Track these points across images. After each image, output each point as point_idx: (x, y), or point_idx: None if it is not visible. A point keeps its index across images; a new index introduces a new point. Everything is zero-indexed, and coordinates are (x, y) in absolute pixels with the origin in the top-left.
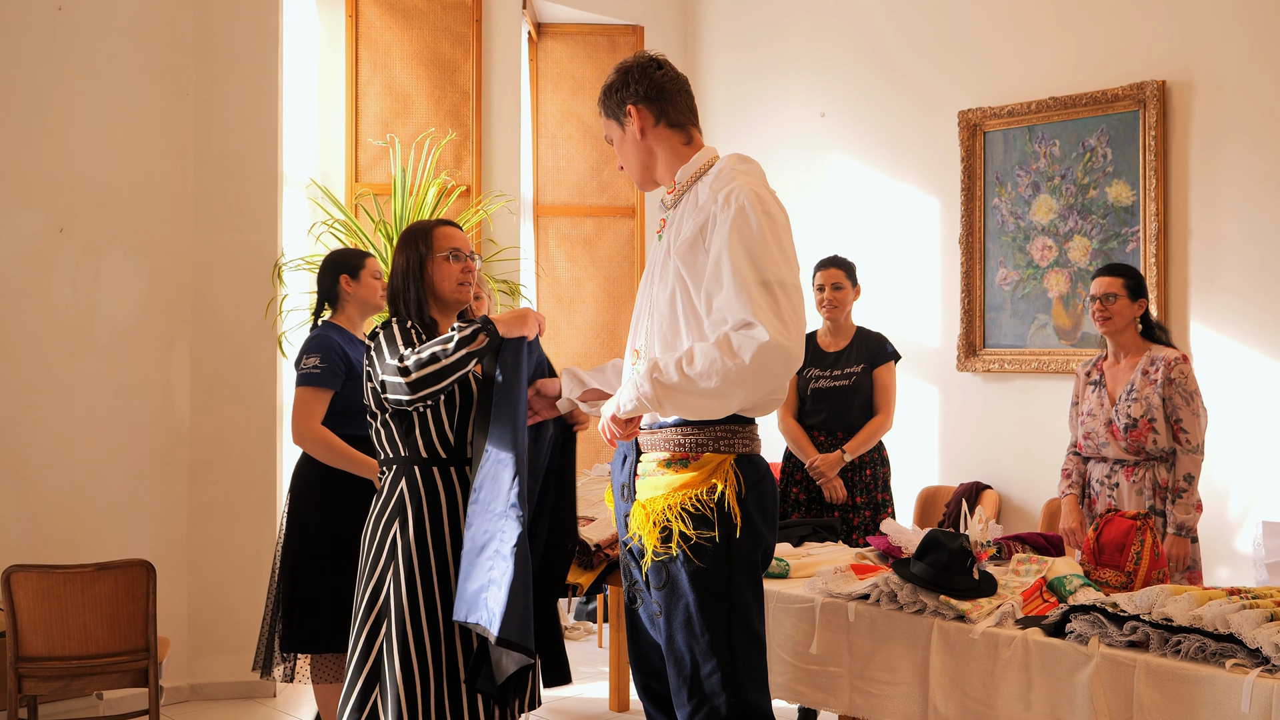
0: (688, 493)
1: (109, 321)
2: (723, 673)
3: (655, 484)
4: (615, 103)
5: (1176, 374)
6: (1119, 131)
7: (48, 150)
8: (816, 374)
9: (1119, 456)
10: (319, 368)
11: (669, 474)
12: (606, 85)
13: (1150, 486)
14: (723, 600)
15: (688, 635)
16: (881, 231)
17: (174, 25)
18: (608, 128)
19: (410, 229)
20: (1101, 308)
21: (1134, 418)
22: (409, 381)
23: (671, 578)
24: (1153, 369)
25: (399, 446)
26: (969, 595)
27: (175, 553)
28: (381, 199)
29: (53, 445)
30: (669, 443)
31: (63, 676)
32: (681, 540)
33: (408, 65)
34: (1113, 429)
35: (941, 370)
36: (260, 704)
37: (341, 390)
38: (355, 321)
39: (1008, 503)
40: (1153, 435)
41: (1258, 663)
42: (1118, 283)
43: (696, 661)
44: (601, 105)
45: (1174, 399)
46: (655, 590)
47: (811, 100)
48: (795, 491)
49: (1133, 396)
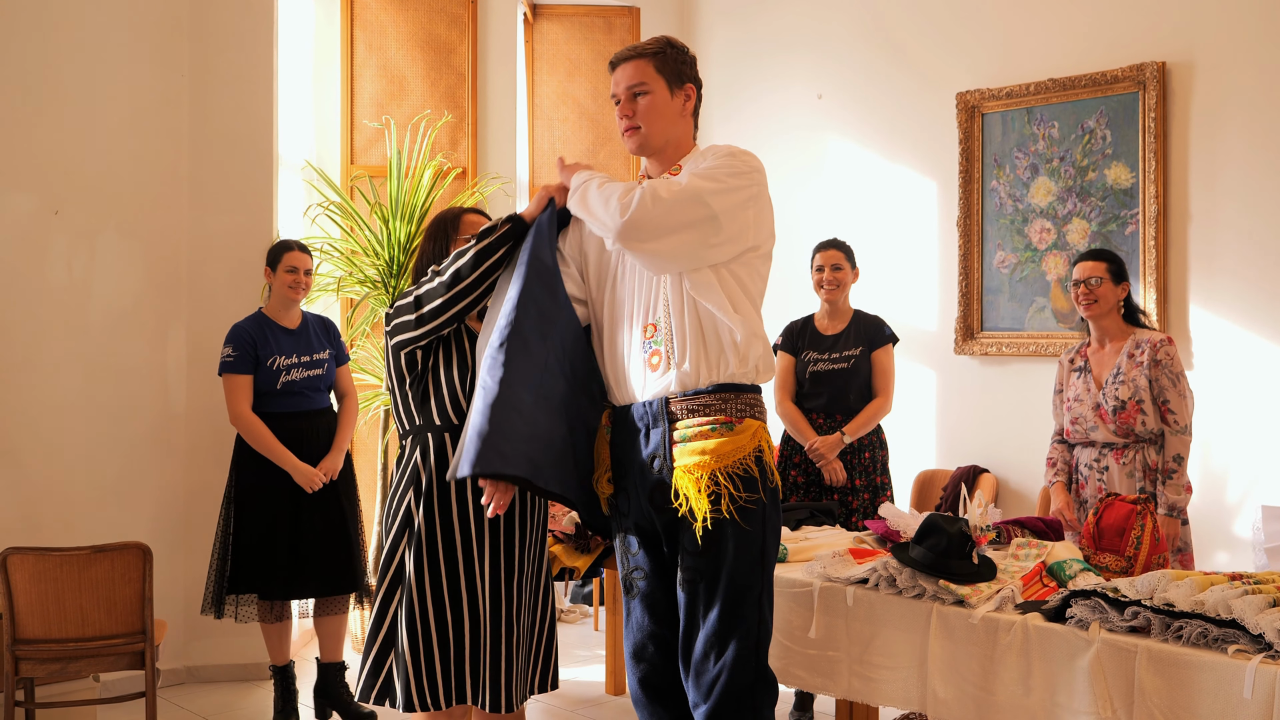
0: (737, 456)
1: (104, 304)
2: (749, 638)
3: (702, 447)
4: (681, 69)
5: (1163, 355)
6: (1118, 113)
7: (42, 132)
8: (815, 357)
9: (1108, 440)
10: (230, 356)
11: (715, 439)
12: (674, 48)
13: (1141, 468)
14: (758, 564)
15: (728, 597)
16: (879, 214)
17: (168, 6)
18: (649, 82)
19: (439, 216)
20: (1086, 291)
21: (1122, 400)
22: (444, 281)
23: (719, 540)
24: (1138, 351)
25: (414, 416)
26: (968, 580)
27: (171, 535)
28: (377, 181)
29: (48, 428)
30: (710, 408)
31: (59, 659)
32: (730, 504)
33: (403, 47)
34: (1101, 412)
35: (939, 353)
36: (256, 686)
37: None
38: (277, 310)
39: (1005, 486)
40: (1141, 417)
41: (1260, 648)
42: (1101, 266)
43: (731, 625)
44: (656, 61)
45: (1160, 380)
46: (693, 556)
47: (808, 82)
48: (794, 474)
49: (1120, 379)
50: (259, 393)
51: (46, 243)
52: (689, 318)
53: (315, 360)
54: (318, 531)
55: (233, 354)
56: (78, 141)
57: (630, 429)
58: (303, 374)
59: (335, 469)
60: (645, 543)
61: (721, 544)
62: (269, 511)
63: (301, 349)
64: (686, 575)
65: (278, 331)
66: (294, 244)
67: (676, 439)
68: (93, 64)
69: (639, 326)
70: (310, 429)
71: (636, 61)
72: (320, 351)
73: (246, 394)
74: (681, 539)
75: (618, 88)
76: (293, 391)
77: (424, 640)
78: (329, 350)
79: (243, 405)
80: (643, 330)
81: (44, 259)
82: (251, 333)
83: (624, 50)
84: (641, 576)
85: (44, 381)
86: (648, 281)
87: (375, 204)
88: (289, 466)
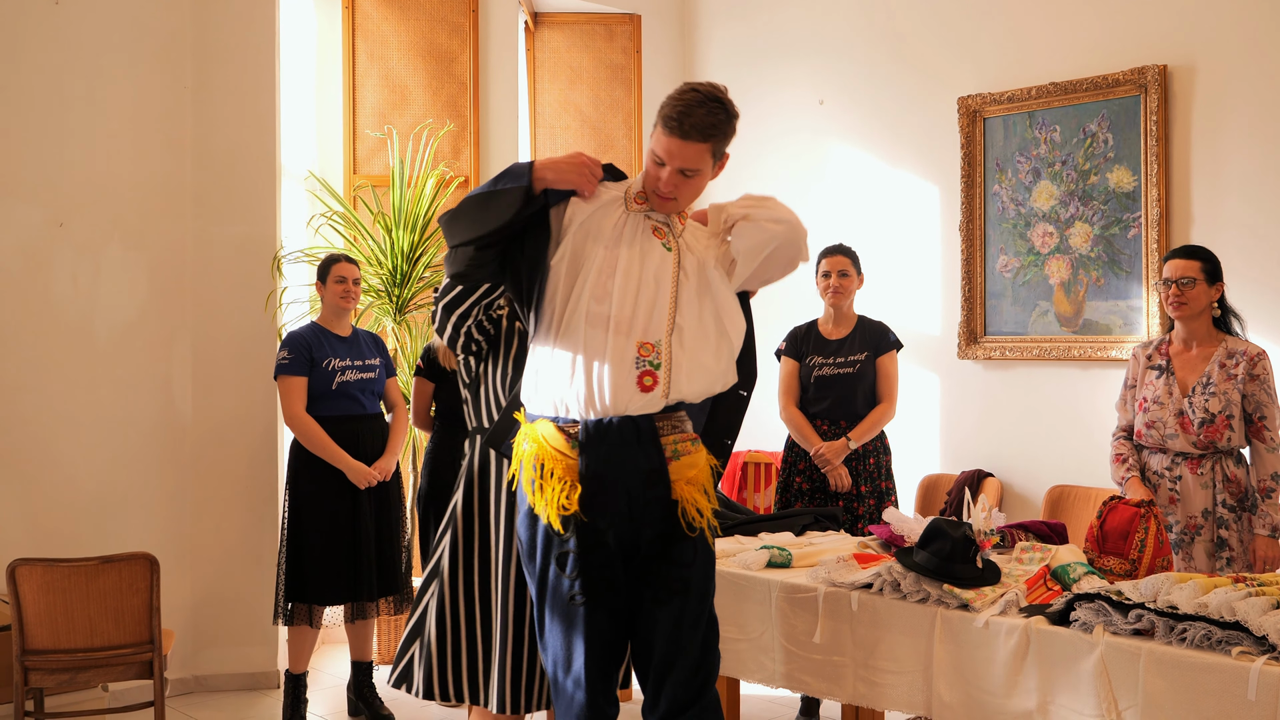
0: (708, 468)
1: (109, 316)
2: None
3: (692, 462)
4: (727, 143)
5: (1260, 370)
6: (1120, 117)
7: (46, 145)
8: (820, 361)
9: (1183, 449)
10: (286, 359)
11: (697, 453)
12: (730, 120)
13: (1220, 480)
14: (713, 567)
15: (705, 602)
16: (881, 219)
17: (171, 19)
18: (702, 166)
19: None
20: (1178, 292)
21: (1212, 413)
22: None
23: (705, 549)
24: (1231, 362)
25: (470, 418)
26: (972, 584)
27: (178, 546)
28: (380, 190)
29: (54, 440)
30: (685, 422)
31: (68, 669)
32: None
33: (405, 56)
34: (1184, 420)
35: (942, 358)
36: (264, 694)
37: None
38: (329, 319)
39: (1009, 490)
40: (1229, 433)
41: (1264, 650)
42: (1195, 266)
43: (711, 628)
44: (715, 145)
45: (1258, 395)
46: (681, 567)
47: (809, 87)
48: (798, 481)
49: (1210, 390)
50: (313, 395)
51: (51, 255)
52: (686, 345)
53: (367, 365)
54: (372, 536)
55: (288, 357)
56: (82, 154)
57: (614, 444)
58: (356, 376)
59: (389, 470)
60: (621, 556)
61: (705, 552)
62: (328, 518)
63: (354, 355)
64: (676, 586)
65: (331, 338)
66: (341, 256)
67: (669, 455)
68: (96, 77)
69: (631, 342)
70: (364, 431)
71: (697, 145)
72: (371, 358)
73: (301, 396)
74: (671, 551)
75: (671, 160)
76: (346, 394)
77: (453, 633)
78: (379, 359)
79: (297, 406)
80: (637, 348)
81: (49, 272)
82: (307, 337)
83: (694, 125)
84: (608, 588)
85: (50, 393)
86: (650, 299)
87: (378, 213)
88: (343, 465)
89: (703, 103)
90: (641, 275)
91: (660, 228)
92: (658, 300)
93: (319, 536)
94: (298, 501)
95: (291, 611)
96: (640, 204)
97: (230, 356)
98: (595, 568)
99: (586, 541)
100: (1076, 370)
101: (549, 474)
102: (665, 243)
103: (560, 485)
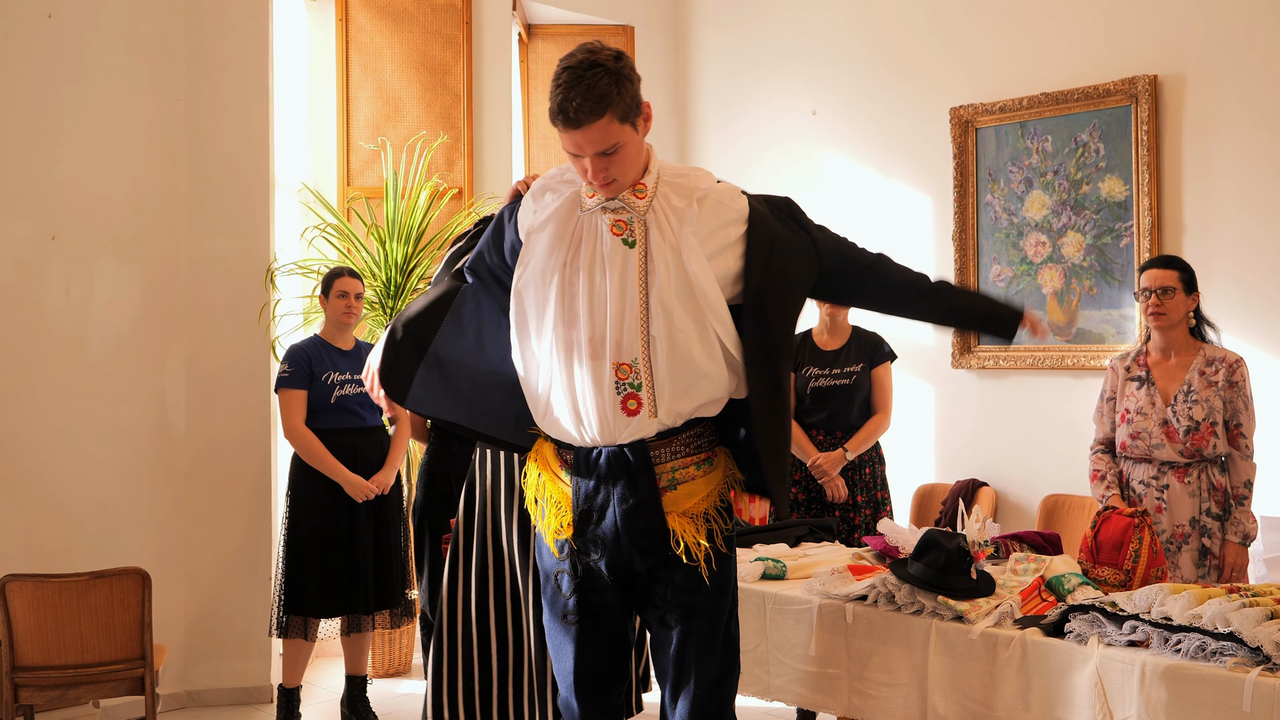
0: (720, 489)
1: (102, 329)
2: (735, 653)
3: (690, 491)
4: (635, 98)
5: (1238, 377)
6: (1111, 126)
7: (39, 158)
8: (815, 373)
9: (1169, 459)
10: (286, 372)
11: (700, 478)
12: (620, 82)
13: (1207, 489)
14: (734, 582)
15: (720, 624)
16: (874, 229)
17: (164, 31)
18: (617, 136)
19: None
20: (1157, 301)
21: (1196, 420)
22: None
23: (718, 572)
24: (1210, 369)
25: None
26: (967, 595)
27: (171, 560)
28: (374, 202)
29: (46, 454)
30: (689, 446)
31: (59, 686)
32: (721, 535)
33: (398, 68)
34: (1169, 430)
35: (937, 367)
36: (257, 710)
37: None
38: (331, 333)
39: (1004, 500)
40: (1214, 439)
41: (1258, 661)
42: (1173, 275)
43: (731, 648)
44: (617, 112)
45: (1235, 402)
46: (685, 593)
47: (802, 96)
48: (794, 492)
49: (1193, 398)
50: (313, 409)
51: (44, 268)
52: (665, 357)
53: None
54: (370, 549)
55: (288, 370)
56: (75, 167)
57: (601, 477)
58: (356, 389)
59: (387, 484)
60: (615, 579)
61: (716, 575)
62: (326, 531)
63: (355, 368)
64: (681, 610)
65: (333, 351)
66: (344, 270)
67: (664, 485)
68: (89, 89)
69: (607, 366)
70: (363, 445)
71: (597, 123)
72: None
73: (300, 409)
74: (673, 576)
75: (582, 150)
76: (345, 407)
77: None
78: None
79: (296, 419)
80: (614, 370)
81: (42, 284)
82: (307, 350)
83: (579, 109)
84: (602, 611)
85: (43, 406)
86: (619, 314)
87: (372, 225)
88: (340, 478)
89: (578, 79)
90: (608, 289)
91: (620, 221)
92: (626, 314)
93: (317, 549)
94: (296, 514)
95: (287, 624)
96: (593, 196)
97: (224, 369)
98: (590, 591)
99: (580, 565)
100: (1070, 379)
101: (549, 498)
102: (626, 238)
103: (556, 510)
